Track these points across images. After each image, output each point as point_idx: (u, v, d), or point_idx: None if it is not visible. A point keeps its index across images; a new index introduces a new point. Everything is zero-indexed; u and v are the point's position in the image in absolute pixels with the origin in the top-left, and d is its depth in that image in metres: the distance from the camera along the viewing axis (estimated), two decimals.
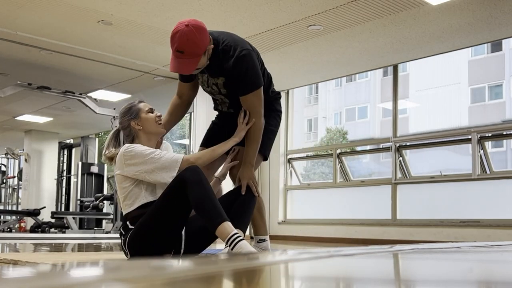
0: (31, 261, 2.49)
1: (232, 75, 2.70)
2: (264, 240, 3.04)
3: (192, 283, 0.93)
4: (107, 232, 8.15)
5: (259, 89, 2.74)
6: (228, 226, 2.40)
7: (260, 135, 2.79)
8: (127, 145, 2.65)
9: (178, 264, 1.14)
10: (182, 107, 3.02)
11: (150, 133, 2.70)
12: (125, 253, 2.67)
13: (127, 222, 2.65)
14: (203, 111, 6.78)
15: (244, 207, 2.72)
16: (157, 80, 7.44)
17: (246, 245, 2.39)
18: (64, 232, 8.53)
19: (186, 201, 2.46)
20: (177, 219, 2.55)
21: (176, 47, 2.57)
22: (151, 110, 2.72)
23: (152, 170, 2.56)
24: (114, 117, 8.10)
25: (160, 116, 2.73)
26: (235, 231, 2.41)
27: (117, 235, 3.48)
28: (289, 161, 8.01)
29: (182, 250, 2.62)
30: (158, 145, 2.77)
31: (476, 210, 5.95)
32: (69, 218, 8.80)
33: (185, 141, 12.08)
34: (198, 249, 2.71)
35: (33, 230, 8.76)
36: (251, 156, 2.78)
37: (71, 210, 11.03)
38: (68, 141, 12.90)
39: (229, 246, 2.37)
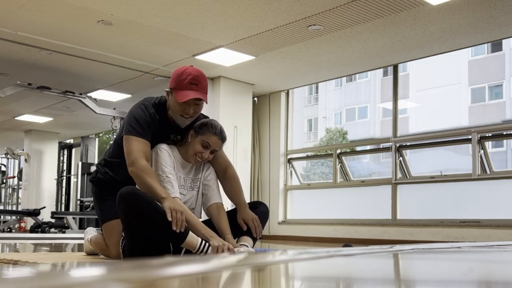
0: (31, 261, 2.49)
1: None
2: None
3: (191, 283, 0.93)
4: None
5: None
6: (192, 237, 2.42)
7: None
8: (164, 148, 2.65)
9: (177, 264, 1.13)
10: None
11: (188, 153, 2.70)
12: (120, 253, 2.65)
13: None
14: None
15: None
16: (157, 80, 7.43)
17: None
18: (64, 232, 8.53)
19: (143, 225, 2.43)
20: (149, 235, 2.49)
21: (194, 77, 2.59)
22: (207, 146, 2.64)
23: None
24: (114, 117, 8.09)
25: (205, 157, 2.66)
26: (200, 239, 2.42)
27: None
28: (289, 161, 8.00)
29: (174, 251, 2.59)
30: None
31: (476, 210, 5.94)
32: (69, 218, 8.79)
33: None
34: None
35: (33, 230, 8.76)
36: (242, 195, 2.79)
37: (71, 210, 11.04)
38: (68, 141, 12.90)
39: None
